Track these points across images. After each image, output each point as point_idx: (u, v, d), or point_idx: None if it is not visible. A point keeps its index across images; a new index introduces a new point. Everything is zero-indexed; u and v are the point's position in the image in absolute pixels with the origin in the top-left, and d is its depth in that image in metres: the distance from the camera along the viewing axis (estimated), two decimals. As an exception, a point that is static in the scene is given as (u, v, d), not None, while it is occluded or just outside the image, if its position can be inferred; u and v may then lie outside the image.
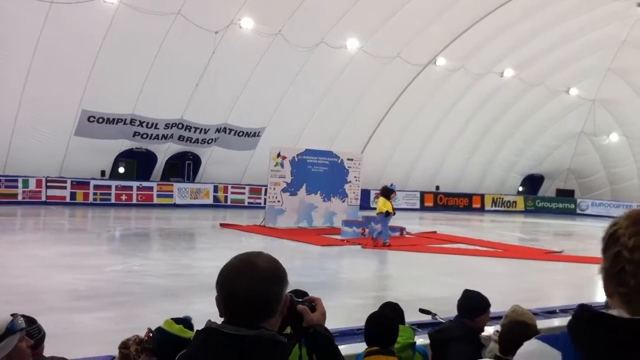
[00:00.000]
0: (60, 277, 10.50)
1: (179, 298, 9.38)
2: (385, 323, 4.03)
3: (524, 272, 14.61)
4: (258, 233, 19.06)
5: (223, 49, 23.49)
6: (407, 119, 31.23)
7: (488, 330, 5.30)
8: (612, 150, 38.24)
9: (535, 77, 32.49)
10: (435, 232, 21.96)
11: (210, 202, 28.13)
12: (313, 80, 26.76)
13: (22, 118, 22.19)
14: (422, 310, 6.07)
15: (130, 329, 4.00)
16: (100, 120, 23.97)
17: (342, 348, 2.88)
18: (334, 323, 4.99)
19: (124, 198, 26.04)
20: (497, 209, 37.92)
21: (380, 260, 15.52)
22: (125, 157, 26.98)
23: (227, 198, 28.68)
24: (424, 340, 5.09)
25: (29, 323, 3.32)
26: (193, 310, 7.75)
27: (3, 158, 23.13)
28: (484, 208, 37.59)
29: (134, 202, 26.21)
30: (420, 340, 5.09)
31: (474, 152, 36.19)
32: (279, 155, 21.00)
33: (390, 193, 18.23)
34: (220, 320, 1.82)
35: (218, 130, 26.97)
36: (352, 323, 6.52)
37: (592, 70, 33.73)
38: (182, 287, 10.28)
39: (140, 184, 26.72)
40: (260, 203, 27.38)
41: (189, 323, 3.33)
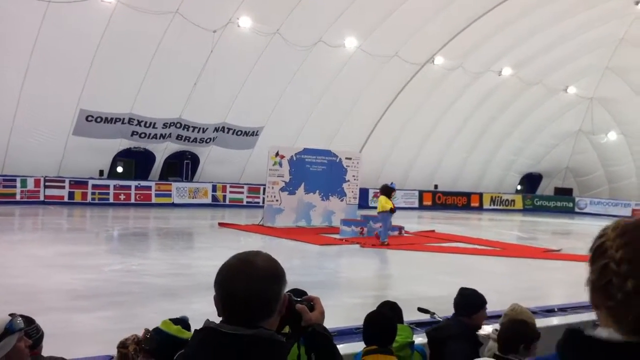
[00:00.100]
0: (59, 276, 10.49)
1: (178, 297, 9.38)
2: (384, 322, 4.03)
3: (523, 270, 14.62)
4: (257, 232, 19.04)
5: (221, 48, 23.47)
6: (405, 118, 31.21)
7: (487, 329, 5.31)
8: (610, 149, 38.26)
9: (534, 75, 32.49)
10: (434, 230, 21.96)
11: (209, 201, 28.11)
12: (311, 79, 26.73)
13: (20, 117, 22.16)
14: (420, 309, 6.08)
15: (129, 329, 4.00)
16: (99, 120, 23.95)
17: (340, 347, 2.88)
18: (333, 322, 4.99)
19: (122, 197, 26.01)
20: (495, 208, 37.94)
21: (379, 260, 15.52)
22: (124, 156, 26.93)
23: (225, 197, 28.64)
24: (423, 339, 5.09)
25: (27, 323, 3.32)
26: (192, 310, 7.77)
27: (1, 158, 23.09)
28: (483, 207, 37.61)
29: (132, 201, 26.17)
30: (419, 339, 5.09)
31: (473, 151, 36.18)
32: (277, 155, 20.98)
33: (391, 191, 18.23)
34: (219, 320, 1.82)
35: (216, 130, 26.95)
36: (350, 322, 6.52)
37: (590, 69, 33.73)
38: (180, 286, 10.28)
39: (139, 184, 26.68)
40: (259, 202, 27.35)
41: (187, 323, 3.32)
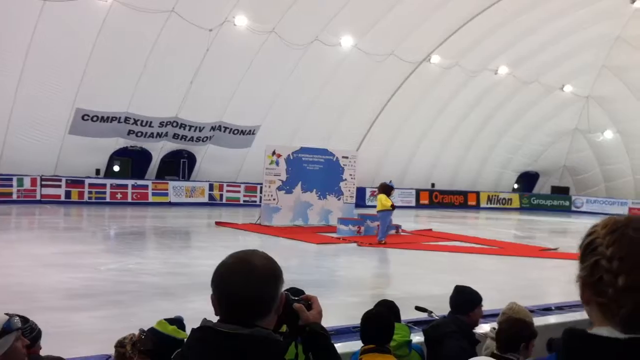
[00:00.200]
0: (56, 276, 10.47)
1: (175, 297, 9.36)
2: (381, 321, 4.03)
3: (520, 269, 14.63)
4: (254, 231, 19.03)
5: (217, 47, 23.44)
6: (402, 117, 31.22)
7: (484, 328, 5.31)
8: (606, 147, 38.32)
9: (530, 74, 32.53)
10: (431, 229, 21.97)
11: (206, 200, 28.09)
12: (307, 78, 26.72)
13: (16, 116, 22.12)
14: (418, 308, 6.08)
15: (126, 328, 3.99)
16: (95, 119, 23.91)
17: (338, 346, 2.88)
18: (330, 321, 4.99)
19: (119, 196, 25.99)
20: (492, 207, 37.97)
21: (376, 258, 15.52)
22: (120, 155, 26.93)
23: (222, 196, 28.63)
24: (420, 338, 5.09)
25: (21, 322, 3.31)
26: (189, 309, 7.76)
27: (-2, 157, 23.07)
28: (480, 205, 37.64)
29: (129, 200, 26.15)
30: (417, 338, 5.09)
31: (469, 149, 36.22)
32: (274, 154, 20.96)
33: (390, 190, 18.24)
34: (216, 319, 1.82)
35: (213, 129, 26.92)
36: (348, 321, 6.52)
37: (586, 67, 33.78)
38: (177, 285, 10.26)
39: (135, 183, 26.66)
40: (256, 201, 27.32)
41: (182, 323, 3.31)
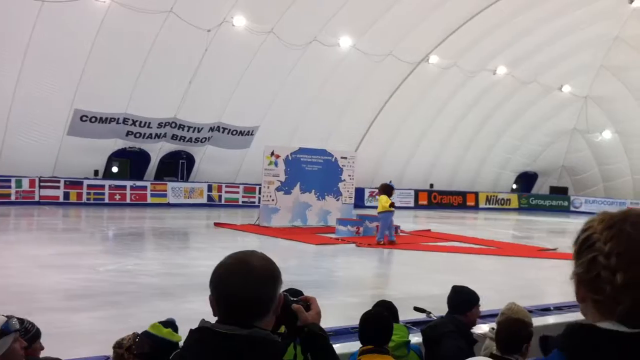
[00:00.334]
0: (54, 277, 10.46)
1: (174, 297, 9.36)
2: (380, 322, 4.03)
3: (518, 269, 14.63)
4: (252, 232, 19.02)
5: (216, 48, 23.44)
6: (400, 117, 31.23)
7: (483, 328, 5.31)
8: (605, 147, 38.35)
9: (528, 74, 32.54)
10: (430, 230, 21.97)
11: (204, 201, 28.07)
12: (306, 79, 26.72)
13: (14, 117, 22.10)
14: (416, 309, 6.08)
15: (125, 329, 3.98)
16: (93, 120, 23.90)
17: (336, 347, 2.88)
18: (329, 322, 4.98)
19: (118, 197, 25.97)
20: (491, 207, 37.98)
21: (375, 259, 15.51)
22: (119, 156, 26.91)
23: (221, 197, 28.61)
24: (419, 339, 5.09)
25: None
26: (187, 310, 7.77)
27: (-4, 158, 23.05)
28: (478, 206, 37.65)
29: (128, 201, 26.13)
30: (415, 339, 5.09)
31: (468, 149, 36.23)
32: (273, 154, 20.95)
33: (391, 190, 18.25)
34: (214, 320, 1.82)
35: (211, 129, 26.91)
36: (346, 322, 6.52)
37: (584, 67, 33.81)
38: (176, 286, 10.26)
39: (134, 184, 26.65)
40: (255, 202, 27.33)
41: (175, 325, 3.30)
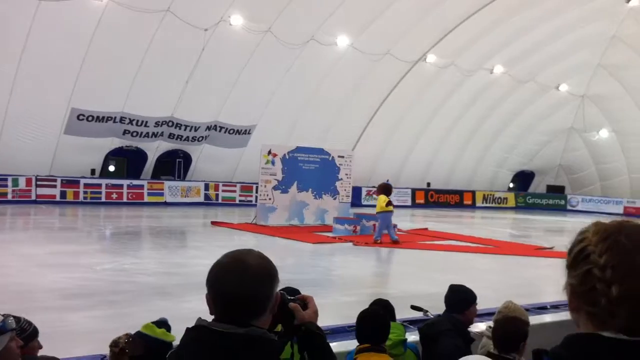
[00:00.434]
0: (51, 276, 10.44)
1: (171, 296, 9.35)
2: (377, 320, 4.04)
3: (515, 268, 14.64)
4: (249, 231, 19.00)
5: (213, 47, 23.41)
6: (397, 116, 31.23)
7: (480, 327, 5.32)
8: (602, 146, 38.38)
9: (525, 73, 32.56)
10: (427, 228, 21.98)
11: (201, 200, 28.04)
12: (303, 77, 26.71)
13: (11, 116, 22.05)
14: (413, 307, 6.08)
15: (122, 328, 3.98)
16: (90, 119, 23.86)
17: (333, 345, 2.88)
18: (326, 320, 4.99)
19: (115, 196, 25.92)
20: (488, 206, 38.00)
21: (372, 258, 15.52)
22: (116, 155, 26.86)
23: (218, 196, 28.58)
24: (416, 337, 5.10)
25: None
26: (185, 308, 7.77)
27: (-8, 157, 23.01)
28: (475, 205, 37.66)
29: (125, 200, 26.07)
30: (412, 337, 5.09)
31: (465, 148, 36.24)
32: (270, 153, 20.93)
33: (390, 189, 18.25)
34: (211, 319, 1.82)
35: (208, 128, 26.89)
36: (343, 320, 6.52)
37: (581, 67, 33.83)
38: (173, 285, 10.25)
39: (131, 183, 26.60)
40: (252, 201, 27.31)
41: (168, 325, 3.29)
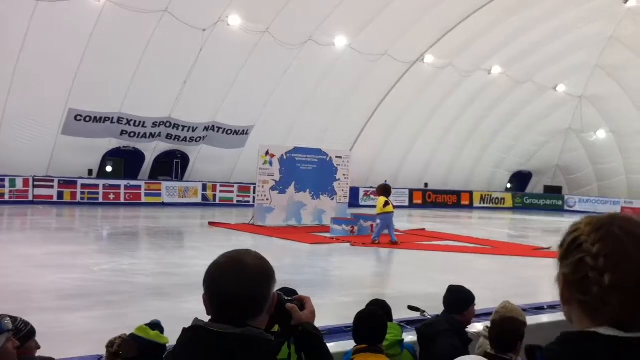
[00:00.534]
0: (48, 276, 10.43)
1: (168, 297, 9.34)
2: (374, 320, 4.03)
3: (513, 268, 14.65)
4: (247, 231, 19.00)
5: (210, 47, 23.40)
6: (395, 117, 31.25)
7: (477, 327, 5.32)
8: (599, 147, 38.42)
9: (523, 74, 32.59)
10: (424, 229, 22.00)
11: (199, 200, 28.03)
12: (301, 78, 26.71)
13: (8, 117, 22.03)
14: (411, 308, 6.08)
15: (119, 328, 3.98)
16: (88, 119, 23.84)
17: (330, 346, 2.88)
18: (323, 321, 4.98)
19: (112, 197, 25.91)
20: (485, 206, 38.04)
21: (369, 258, 15.52)
22: (113, 156, 26.84)
23: (215, 196, 28.58)
24: (413, 338, 5.09)
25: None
26: (182, 309, 7.77)
27: (-11, 157, 22.97)
28: (473, 205, 37.70)
29: (122, 201, 26.07)
30: (409, 338, 5.09)
31: (463, 149, 36.27)
32: (268, 154, 20.93)
33: (390, 190, 18.25)
34: (208, 319, 1.82)
35: (206, 129, 26.88)
36: (340, 321, 6.51)
37: (579, 67, 33.86)
38: (171, 285, 10.24)
39: (128, 183, 26.58)
40: (249, 201, 27.28)
41: (161, 327, 3.29)
